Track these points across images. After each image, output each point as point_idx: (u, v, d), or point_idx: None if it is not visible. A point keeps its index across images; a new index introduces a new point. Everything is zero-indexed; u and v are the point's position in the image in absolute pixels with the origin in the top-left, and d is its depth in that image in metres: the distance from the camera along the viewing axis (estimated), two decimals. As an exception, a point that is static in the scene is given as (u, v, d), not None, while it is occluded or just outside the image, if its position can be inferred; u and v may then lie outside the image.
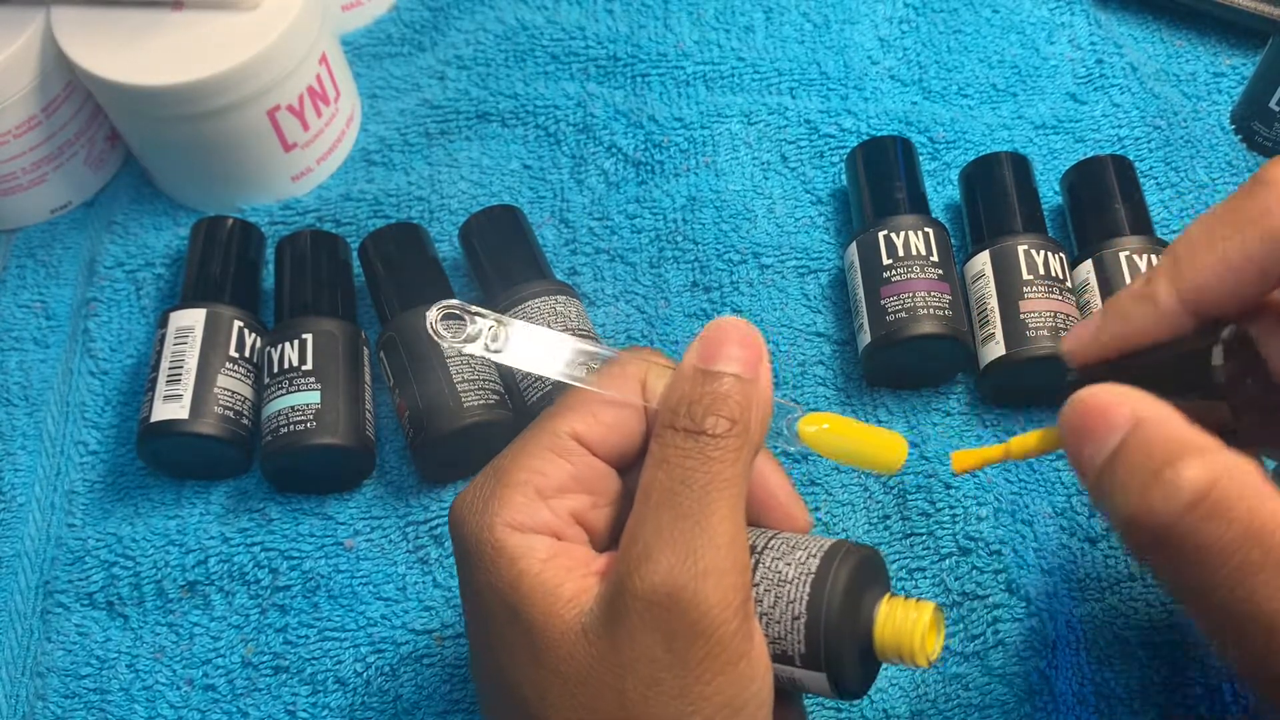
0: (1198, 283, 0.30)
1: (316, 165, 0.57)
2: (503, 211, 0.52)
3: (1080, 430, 0.29)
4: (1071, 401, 0.30)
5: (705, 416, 0.31)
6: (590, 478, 0.33)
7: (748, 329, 0.33)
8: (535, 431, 0.34)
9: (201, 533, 0.47)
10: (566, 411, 0.34)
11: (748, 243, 0.52)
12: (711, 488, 0.31)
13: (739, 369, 0.32)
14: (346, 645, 0.44)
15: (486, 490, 0.33)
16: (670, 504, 0.30)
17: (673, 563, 0.30)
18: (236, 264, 0.51)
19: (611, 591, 0.30)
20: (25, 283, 0.56)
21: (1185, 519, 0.26)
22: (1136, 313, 0.32)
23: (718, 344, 0.33)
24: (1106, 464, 0.28)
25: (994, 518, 0.44)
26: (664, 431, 0.32)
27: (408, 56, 0.62)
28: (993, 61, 0.58)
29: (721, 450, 0.31)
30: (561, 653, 0.30)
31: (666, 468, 0.31)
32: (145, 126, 0.54)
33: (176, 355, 0.47)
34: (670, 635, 0.29)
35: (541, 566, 0.31)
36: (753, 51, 0.59)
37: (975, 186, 0.51)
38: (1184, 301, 0.31)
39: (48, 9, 0.54)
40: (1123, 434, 0.28)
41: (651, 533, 0.30)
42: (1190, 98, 0.56)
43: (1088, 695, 0.40)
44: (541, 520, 0.32)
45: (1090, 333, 0.33)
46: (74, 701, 0.44)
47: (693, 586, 0.29)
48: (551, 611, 0.31)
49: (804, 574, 0.32)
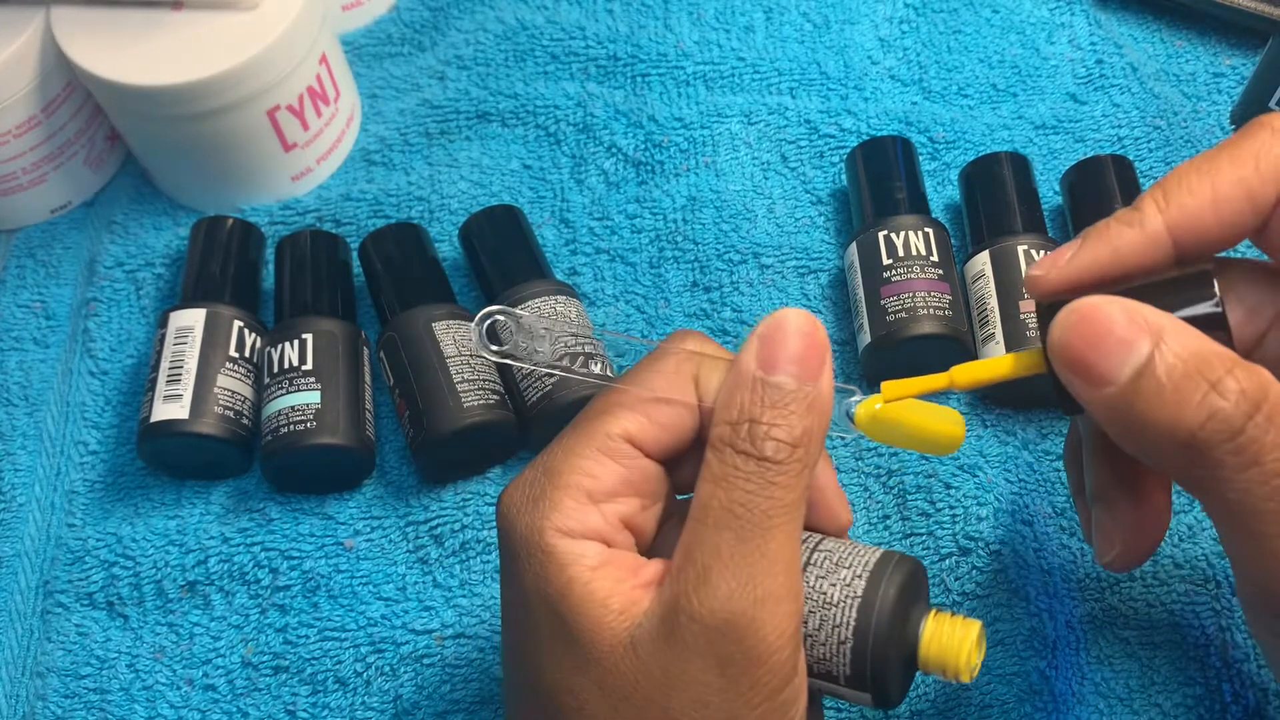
0: (1189, 209, 0.30)
1: (316, 165, 0.57)
2: (503, 211, 0.52)
3: (1088, 341, 0.28)
4: (1069, 311, 0.28)
5: (766, 440, 0.30)
6: (641, 480, 0.32)
7: (810, 326, 0.31)
8: (586, 430, 0.32)
9: (201, 533, 0.47)
10: (619, 410, 0.32)
11: (748, 243, 0.52)
12: (772, 513, 0.30)
13: (800, 376, 0.31)
14: (346, 645, 0.44)
15: (537, 489, 0.32)
16: (730, 526, 0.30)
17: (732, 588, 0.29)
18: (236, 264, 0.51)
19: (665, 610, 0.30)
20: (25, 283, 0.56)
21: (1250, 427, 0.26)
22: (1120, 235, 0.30)
23: (779, 345, 0.31)
24: (1138, 378, 0.27)
25: (994, 518, 0.44)
26: (723, 448, 0.30)
27: (408, 56, 0.62)
28: (993, 61, 0.58)
29: (784, 475, 0.30)
30: (607, 665, 0.30)
31: (726, 487, 0.30)
32: (145, 126, 0.54)
33: (176, 355, 0.47)
34: (724, 661, 0.29)
35: (591, 575, 0.30)
36: (753, 51, 0.59)
37: (975, 186, 0.51)
38: (1171, 227, 0.30)
39: (47, 9, 0.54)
40: (1147, 346, 0.27)
41: (710, 554, 0.30)
42: (1190, 98, 0.56)
43: (1088, 695, 0.40)
44: (592, 525, 0.31)
45: (1065, 257, 0.31)
46: (74, 701, 0.44)
47: (750, 614, 0.29)
48: (600, 622, 0.30)
49: (850, 597, 0.32)
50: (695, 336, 0.34)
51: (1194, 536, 0.43)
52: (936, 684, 0.41)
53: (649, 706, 0.30)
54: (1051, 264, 0.31)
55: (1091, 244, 0.31)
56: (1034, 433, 0.46)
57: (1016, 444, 0.46)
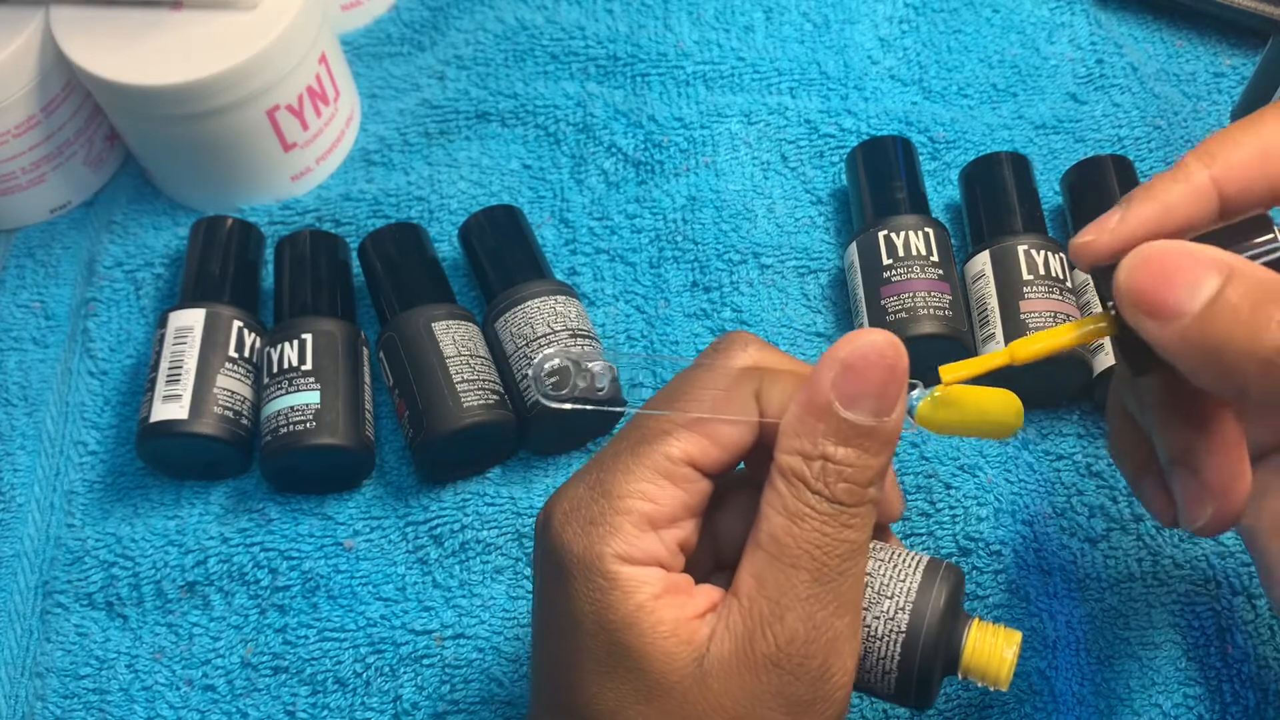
0: (1233, 163, 0.30)
1: (316, 165, 0.57)
2: (503, 211, 0.52)
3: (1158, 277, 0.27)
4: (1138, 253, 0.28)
5: (840, 482, 0.30)
6: (698, 503, 0.32)
7: (894, 356, 0.30)
8: (646, 450, 0.31)
9: (201, 533, 0.47)
10: (681, 431, 0.31)
11: (748, 243, 0.52)
12: (846, 556, 0.30)
13: (880, 408, 0.30)
14: (346, 645, 0.44)
15: (595, 510, 0.31)
16: (805, 566, 0.29)
17: (808, 631, 0.29)
18: (236, 264, 0.51)
19: (737, 644, 0.30)
20: (24, 282, 0.56)
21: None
22: (1168, 191, 0.30)
23: (861, 378, 0.30)
24: (1211, 305, 0.27)
25: (994, 518, 0.44)
26: (795, 483, 0.30)
27: (407, 56, 0.62)
28: (993, 61, 0.58)
29: (859, 519, 0.30)
30: (677, 696, 0.30)
31: (800, 525, 0.30)
32: (145, 126, 0.54)
33: (176, 355, 0.47)
34: (793, 701, 0.29)
35: (655, 604, 0.30)
36: (753, 51, 0.59)
37: (975, 186, 0.50)
38: (1217, 180, 0.30)
39: (47, 9, 0.54)
40: (1219, 277, 0.27)
41: (784, 592, 0.29)
42: (1190, 98, 0.56)
43: (1087, 695, 0.40)
44: (652, 552, 0.31)
45: (1113, 219, 0.31)
46: (73, 702, 0.44)
47: (823, 657, 0.29)
48: (671, 653, 0.30)
49: (893, 631, 0.32)
50: (753, 343, 0.33)
51: (1194, 536, 0.43)
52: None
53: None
54: (1100, 228, 0.31)
55: (1140, 202, 0.30)
56: (1034, 433, 0.46)
57: (1016, 444, 0.46)
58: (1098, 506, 0.44)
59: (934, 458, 0.45)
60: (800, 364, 0.33)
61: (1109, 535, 0.43)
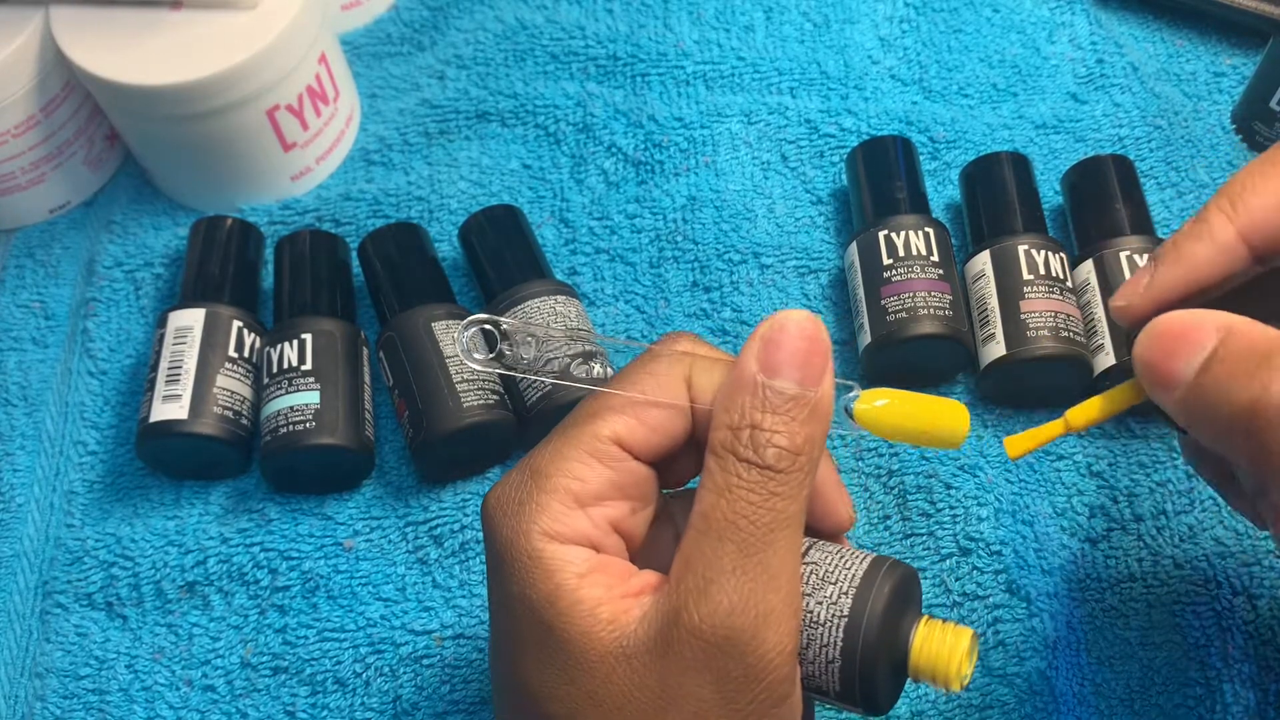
0: (1257, 212, 0.29)
1: (316, 165, 0.57)
2: (503, 211, 0.52)
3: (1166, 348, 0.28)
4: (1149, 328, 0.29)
5: (768, 447, 0.29)
6: (630, 484, 0.32)
7: (814, 328, 0.30)
8: (574, 432, 0.32)
9: (200, 533, 0.47)
10: (608, 413, 0.32)
11: (748, 243, 0.52)
12: (775, 525, 0.29)
13: (802, 380, 0.30)
14: (346, 645, 0.44)
15: (523, 492, 0.31)
16: (732, 538, 0.29)
17: (734, 603, 0.29)
18: (235, 264, 0.51)
19: (662, 622, 0.29)
20: (24, 282, 0.56)
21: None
22: (1193, 251, 0.30)
23: (781, 347, 0.30)
24: (1204, 368, 0.27)
25: (994, 518, 0.44)
26: (725, 456, 0.30)
27: (407, 56, 0.62)
28: (993, 61, 0.58)
29: (785, 485, 0.30)
30: (599, 676, 0.29)
31: (729, 498, 0.29)
32: (144, 126, 0.54)
33: (175, 355, 0.47)
34: (723, 677, 0.29)
35: (579, 582, 0.30)
36: (753, 51, 0.59)
37: (975, 186, 0.50)
38: (1243, 233, 0.30)
39: (47, 9, 0.54)
40: (1215, 341, 0.27)
41: (711, 567, 0.29)
42: (1191, 97, 0.56)
43: (1088, 695, 0.40)
44: (580, 530, 0.31)
45: (1144, 282, 0.31)
46: (73, 702, 0.44)
47: (752, 630, 0.29)
48: (590, 632, 0.29)
49: (836, 616, 0.31)
50: (687, 338, 0.34)
51: (1194, 537, 0.43)
52: (937, 684, 0.41)
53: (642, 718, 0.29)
54: (1132, 292, 0.31)
55: (1166, 266, 0.31)
56: (1034, 433, 0.46)
57: (1017, 444, 0.46)
58: (1098, 506, 0.44)
59: (934, 458, 0.45)
60: (730, 356, 0.33)
61: (1109, 535, 0.43)
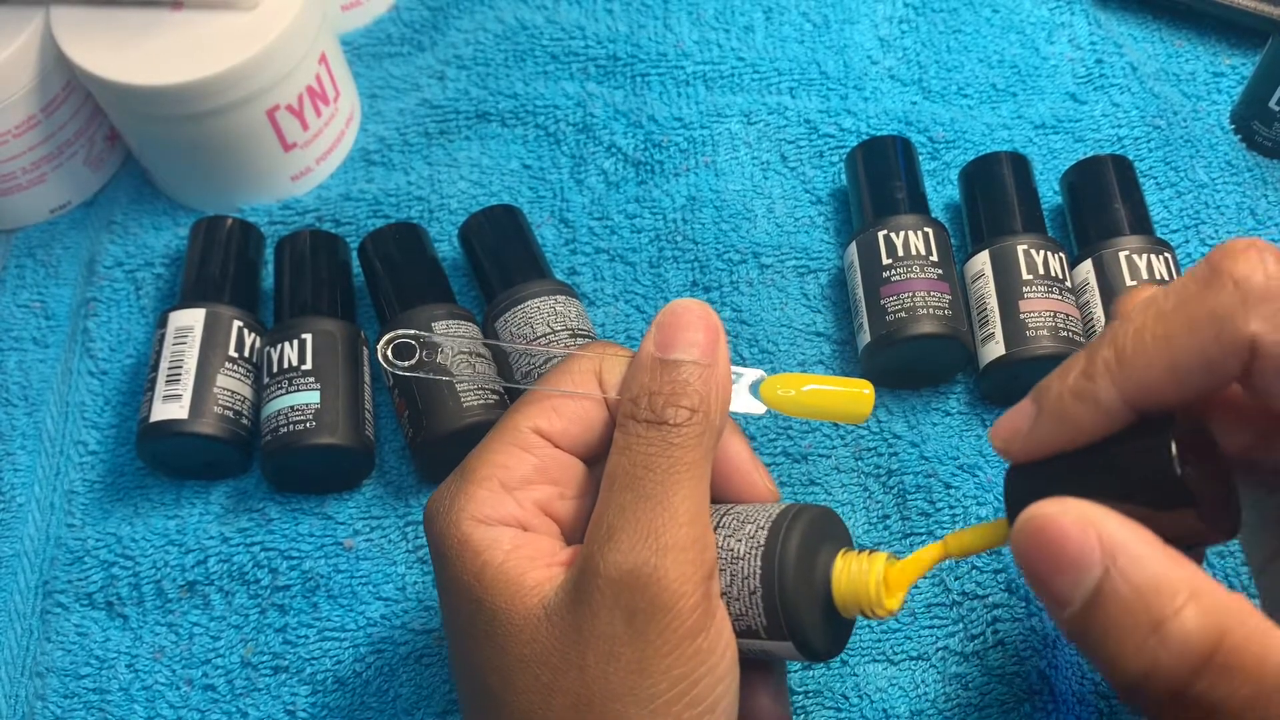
0: (1144, 382, 0.28)
1: (316, 165, 0.57)
2: (503, 211, 0.52)
3: (1044, 561, 0.26)
4: (1025, 522, 0.27)
5: (665, 407, 0.32)
6: (554, 469, 0.34)
7: (703, 311, 0.34)
8: (499, 429, 0.35)
9: (201, 533, 0.47)
10: (526, 408, 0.35)
11: (748, 243, 0.52)
12: (673, 470, 0.31)
13: (697, 354, 0.33)
14: (346, 645, 0.44)
15: (454, 487, 0.34)
16: (632, 487, 0.31)
17: (634, 541, 0.30)
18: (236, 264, 0.51)
19: (577, 574, 0.31)
20: (25, 282, 0.56)
21: (1198, 681, 0.24)
22: (1075, 412, 0.29)
23: (674, 329, 0.33)
24: (1088, 610, 0.25)
25: (994, 518, 0.44)
26: (626, 421, 0.33)
27: (407, 56, 0.62)
28: (993, 61, 0.58)
29: (683, 437, 0.32)
30: (525, 637, 0.31)
31: (629, 454, 0.32)
32: (145, 126, 0.54)
33: (176, 355, 0.47)
34: (631, 611, 0.30)
35: (505, 556, 0.32)
36: (753, 51, 0.59)
37: (975, 186, 0.51)
38: (1128, 400, 0.28)
39: (47, 9, 0.54)
40: (1098, 570, 0.25)
41: (614, 514, 0.31)
42: (1190, 97, 0.56)
43: (1088, 695, 0.40)
44: (507, 512, 0.33)
45: (1024, 428, 0.30)
46: (73, 701, 0.44)
47: (653, 563, 0.30)
48: (514, 599, 0.31)
49: (754, 548, 0.33)
50: (606, 344, 0.36)
51: (1194, 536, 0.43)
52: (935, 682, 0.41)
53: (565, 667, 0.30)
54: (1012, 434, 0.30)
55: (1047, 421, 0.29)
56: (1034, 432, 0.46)
57: (1016, 444, 0.46)
58: (1097, 506, 0.44)
59: (934, 458, 0.45)
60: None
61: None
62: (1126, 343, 0.28)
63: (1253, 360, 0.27)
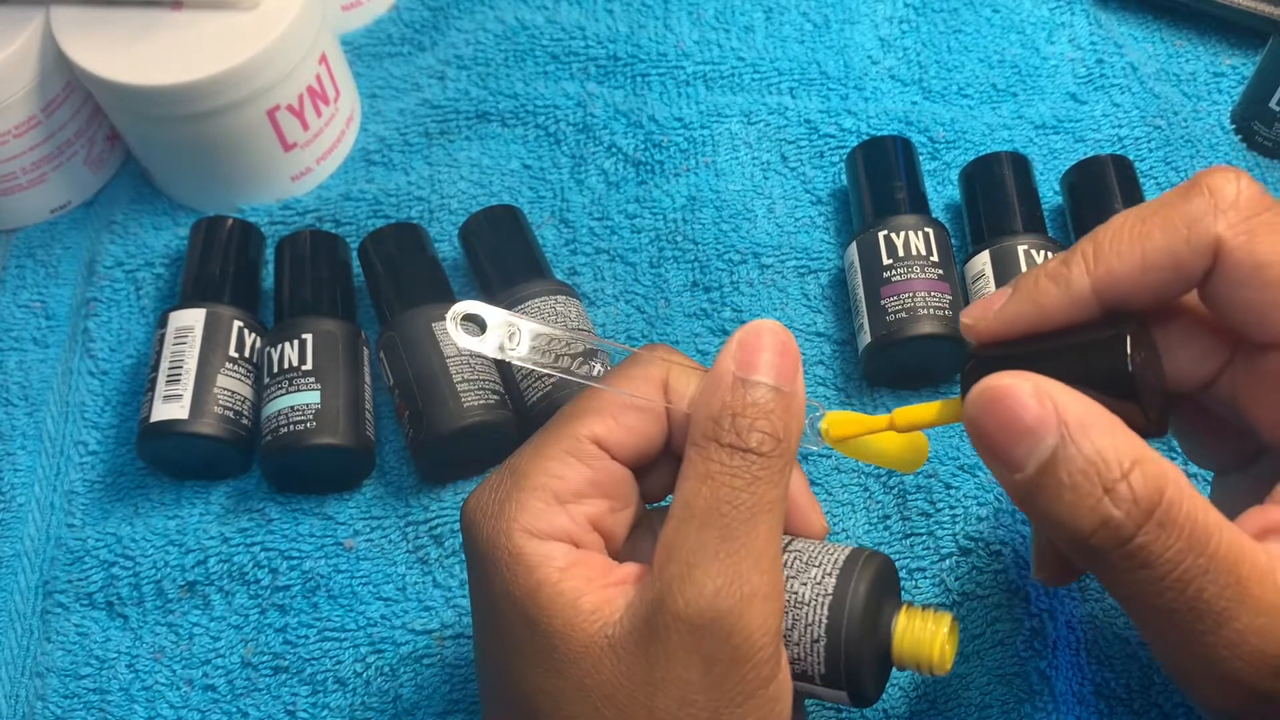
0: (1116, 273, 0.30)
1: (316, 165, 0.57)
2: (503, 211, 0.52)
3: (1001, 427, 0.28)
4: (982, 390, 0.28)
5: (750, 432, 0.30)
6: (608, 483, 0.33)
7: (784, 335, 0.32)
8: (553, 433, 0.33)
9: (201, 533, 0.47)
10: (586, 414, 0.33)
11: (748, 243, 0.52)
12: (758, 509, 0.30)
13: (778, 379, 0.31)
14: (346, 645, 0.44)
15: (502, 492, 0.32)
16: (715, 524, 0.30)
17: (719, 585, 0.29)
18: (236, 264, 0.51)
19: (648, 609, 0.30)
20: (25, 282, 0.56)
21: (1140, 535, 0.26)
22: (1047, 293, 0.31)
23: (755, 350, 0.31)
24: (1042, 473, 0.27)
25: (994, 518, 0.44)
26: (706, 444, 0.31)
27: (408, 56, 0.62)
28: (993, 61, 0.58)
29: (767, 470, 0.30)
30: (585, 666, 0.30)
31: (711, 484, 0.30)
32: (145, 126, 0.54)
33: (176, 355, 0.47)
34: (710, 659, 0.29)
35: (560, 575, 0.31)
36: (753, 51, 0.59)
37: (975, 186, 0.51)
38: (1097, 289, 0.30)
39: (47, 9, 0.54)
40: (1054, 438, 0.27)
41: (694, 551, 0.30)
42: (1190, 97, 0.56)
43: (1088, 695, 0.40)
44: (559, 526, 0.31)
45: (994, 308, 0.31)
46: (73, 702, 0.44)
47: (737, 612, 0.29)
48: (572, 624, 0.30)
49: (820, 595, 0.32)
50: (664, 349, 0.35)
51: (1194, 536, 0.43)
52: (935, 683, 0.41)
53: (633, 707, 0.30)
54: (983, 312, 0.32)
55: (1018, 299, 0.31)
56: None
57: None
58: (1098, 506, 0.44)
59: (934, 458, 0.45)
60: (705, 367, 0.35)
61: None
62: (1103, 235, 0.30)
63: (1215, 264, 0.29)
